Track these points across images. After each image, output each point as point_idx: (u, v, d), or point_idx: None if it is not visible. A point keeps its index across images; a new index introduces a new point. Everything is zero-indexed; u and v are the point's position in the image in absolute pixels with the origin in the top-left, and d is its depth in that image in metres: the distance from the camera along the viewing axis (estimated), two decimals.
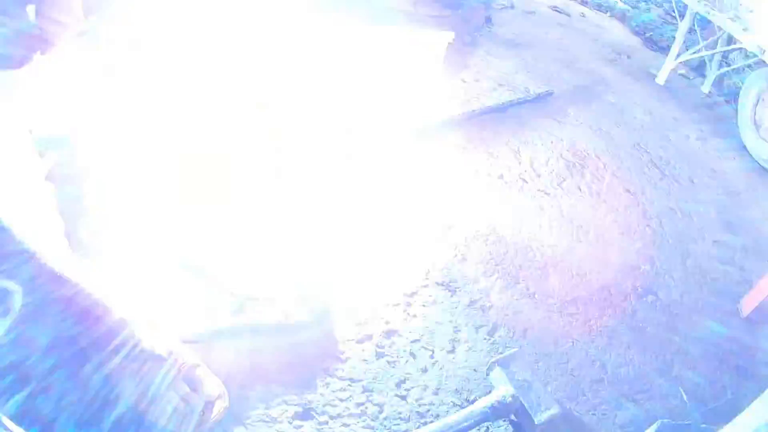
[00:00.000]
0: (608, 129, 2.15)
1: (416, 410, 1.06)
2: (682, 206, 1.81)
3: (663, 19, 4.57)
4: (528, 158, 1.80)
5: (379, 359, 1.12)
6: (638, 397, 1.14)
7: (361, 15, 2.30)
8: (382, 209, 1.42)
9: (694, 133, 2.42)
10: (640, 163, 1.98)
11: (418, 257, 1.33)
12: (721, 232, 1.74)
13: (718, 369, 1.27)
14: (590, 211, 1.63)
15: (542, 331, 1.23)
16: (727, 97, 3.21)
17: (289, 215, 1.35)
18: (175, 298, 1.10)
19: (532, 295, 1.31)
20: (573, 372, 1.17)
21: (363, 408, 1.04)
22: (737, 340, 1.37)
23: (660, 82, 2.91)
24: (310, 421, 1.00)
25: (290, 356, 1.08)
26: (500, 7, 3.50)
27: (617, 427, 1.07)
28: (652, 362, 1.23)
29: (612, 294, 1.37)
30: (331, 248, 1.30)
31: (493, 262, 1.37)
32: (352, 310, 1.19)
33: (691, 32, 3.18)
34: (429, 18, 2.68)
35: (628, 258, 1.50)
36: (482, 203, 1.55)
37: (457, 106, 2.02)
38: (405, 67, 2.14)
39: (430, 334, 1.19)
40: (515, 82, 2.35)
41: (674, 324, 1.34)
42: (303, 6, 2.18)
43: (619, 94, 2.54)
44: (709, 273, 1.55)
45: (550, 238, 1.49)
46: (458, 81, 2.21)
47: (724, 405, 1.19)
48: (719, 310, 1.44)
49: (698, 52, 3.17)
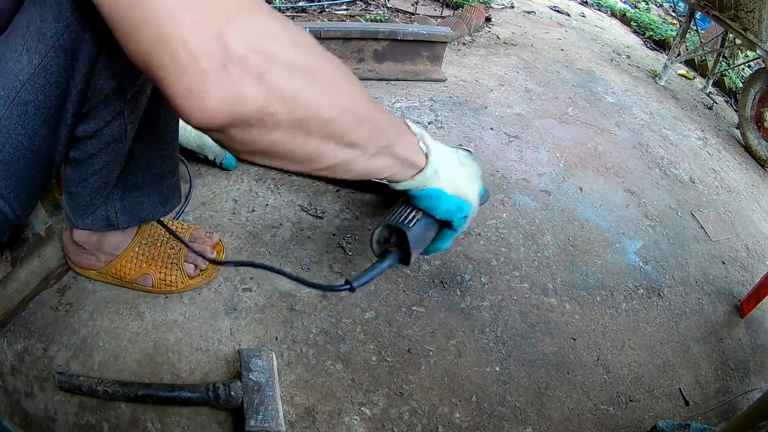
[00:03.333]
0: (608, 129, 2.15)
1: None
2: (683, 206, 1.81)
3: (663, 19, 4.57)
4: (528, 158, 1.80)
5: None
6: (638, 396, 1.14)
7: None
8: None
9: (694, 132, 2.42)
10: (641, 162, 1.98)
11: None
12: (721, 231, 1.74)
13: (719, 369, 1.27)
14: (591, 211, 1.63)
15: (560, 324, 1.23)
16: (727, 97, 3.21)
17: None
18: None
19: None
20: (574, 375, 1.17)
21: None
22: (737, 340, 1.37)
23: (660, 82, 2.92)
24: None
25: None
26: (500, 7, 3.50)
27: (617, 426, 1.07)
28: (652, 362, 1.23)
29: (613, 294, 1.37)
30: None
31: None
32: None
33: (691, 32, 3.18)
34: (429, 18, 2.68)
35: (629, 258, 1.50)
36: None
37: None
38: (405, 66, 2.14)
39: None
40: (515, 82, 2.35)
41: (674, 324, 1.35)
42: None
43: (619, 94, 2.54)
44: (710, 273, 1.55)
45: (548, 237, 1.49)
46: (458, 81, 2.21)
47: (724, 405, 1.19)
48: (719, 310, 1.44)
49: (698, 52, 3.17)
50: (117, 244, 1.00)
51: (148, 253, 1.03)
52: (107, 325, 1.00)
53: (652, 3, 5.11)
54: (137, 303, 1.04)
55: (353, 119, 0.57)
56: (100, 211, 0.92)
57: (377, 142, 0.63)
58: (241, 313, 1.07)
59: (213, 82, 0.43)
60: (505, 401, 1.05)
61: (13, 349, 0.93)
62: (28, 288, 0.98)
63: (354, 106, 0.57)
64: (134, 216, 0.96)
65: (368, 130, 0.61)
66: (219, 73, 0.43)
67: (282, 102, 0.48)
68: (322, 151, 0.57)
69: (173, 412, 0.90)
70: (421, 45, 2.10)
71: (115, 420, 0.88)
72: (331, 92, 0.54)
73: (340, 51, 2.01)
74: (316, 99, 0.51)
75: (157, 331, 1.01)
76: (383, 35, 2.03)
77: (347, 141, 0.58)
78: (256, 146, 0.52)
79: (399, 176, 0.72)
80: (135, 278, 1.02)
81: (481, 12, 3.00)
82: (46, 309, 1.00)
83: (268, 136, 0.50)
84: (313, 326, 1.08)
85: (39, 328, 0.97)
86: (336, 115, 0.55)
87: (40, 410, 0.87)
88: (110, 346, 0.97)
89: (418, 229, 0.83)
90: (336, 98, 0.54)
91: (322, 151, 0.57)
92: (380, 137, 0.64)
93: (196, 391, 0.89)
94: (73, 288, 1.04)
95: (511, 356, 1.14)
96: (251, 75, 0.45)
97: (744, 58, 3.30)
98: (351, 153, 0.60)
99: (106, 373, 0.93)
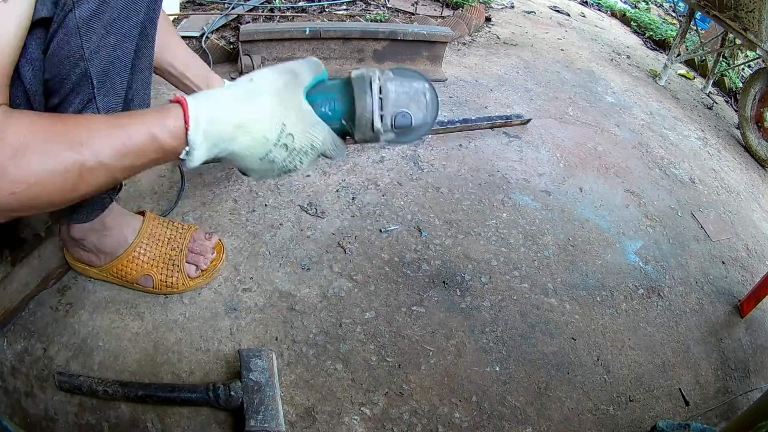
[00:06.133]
0: (608, 129, 2.15)
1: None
2: (683, 206, 1.81)
3: (663, 19, 4.57)
4: (528, 158, 1.80)
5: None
6: (638, 396, 1.14)
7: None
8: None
9: (694, 132, 2.42)
10: (641, 162, 1.98)
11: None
12: (721, 231, 1.74)
13: (719, 369, 1.27)
14: (591, 211, 1.63)
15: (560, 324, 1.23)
16: (727, 97, 3.21)
17: None
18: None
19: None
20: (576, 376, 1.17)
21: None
22: (737, 340, 1.37)
23: (660, 82, 2.92)
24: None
25: None
26: (500, 7, 3.50)
27: (617, 426, 1.07)
28: (652, 362, 1.23)
29: (613, 294, 1.37)
30: None
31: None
32: None
33: (691, 32, 3.18)
34: (429, 18, 2.68)
35: (629, 258, 1.50)
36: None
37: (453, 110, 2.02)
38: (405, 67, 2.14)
39: None
40: (515, 82, 2.35)
41: (674, 324, 1.35)
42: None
43: (619, 94, 2.54)
44: (710, 273, 1.55)
45: (548, 237, 1.49)
46: (458, 81, 2.21)
47: (724, 405, 1.19)
48: (719, 310, 1.44)
49: (698, 52, 3.17)
50: (117, 244, 1.00)
51: (150, 254, 1.03)
52: (107, 325, 0.99)
53: (652, 3, 5.11)
54: (137, 303, 1.04)
55: (66, 185, 0.58)
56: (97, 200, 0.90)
57: (105, 172, 0.60)
58: (241, 313, 1.07)
59: None
60: (505, 401, 1.05)
61: (13, 349, 0.93)
62: (28, 288, 0.98)
63: (66, 176, 0.58)
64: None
65: (91, 177, 0.60)
66: None
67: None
68: (52, 204, 0.60)
69: (173, 412, 0.90)
70: (421, 45, 2.10)
71: (115, 420, 0.88)
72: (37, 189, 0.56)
73: (340, 51, 2.01)
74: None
75: (157, 331, 1.01)
76: (383, 35, 2.03)
77: (76, 192, 0.60)
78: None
79: (169, 161, 0.73)
80: (136, 279, 1.02)
81: (481, 12, 3.00)
82: (46, 309, 1.00)
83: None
84: (313, 326, 1.08)
85: (39, 328, 0.97)
86: (45, 197, 0.58)
87: (40, 410, 0.87)
88: (110, 346, 0.97)
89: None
90: (44, 188, 0.57)
91: (54, 203, 0.60)
92: (107, 172, 0.61)
93: (196, 391, 0.89)
94: (73, 288, 1.04)
95: (511, 356, 1.14)
96: None
97: (744, 58, 3.30)
98: (84, 189, 0.60)
99: (106, 373, 0.93)
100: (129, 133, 0.60)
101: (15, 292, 0.96)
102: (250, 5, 2.36)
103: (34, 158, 0.55)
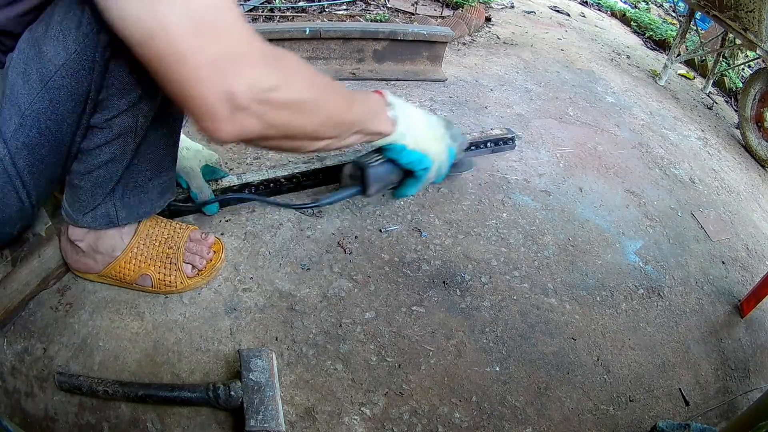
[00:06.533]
0: (608, 129, 2.15)
1: None
2: (683, 206, 1.81)
3: (663, 19, 4.57)
4: (528, 158, 1.80)
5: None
6: (638, 396, 1.14)
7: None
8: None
9: (694, 132, 2.42)
10: (641, 162, 1.98)
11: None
12: (721, 231, 1.74)
13: (719, 369, 1.27)
14: (591, 211, 1.63)
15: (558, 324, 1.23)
16: (727, 97, 3.21)
17: None
18: None
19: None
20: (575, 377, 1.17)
21: None
22: (737, 340, 1.37)
23: (660, 82, 2.92)
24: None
25: None
26: (500, 7, 3.50)
27: (617, 426, 1.07)
28: (652, 362, 1.23)
29: (613, 294, 1.37)
30: None
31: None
32: None
33: (691, 32, 3.18)
34: (429, 18, 2.68)
35: (629, 258, 1.50)
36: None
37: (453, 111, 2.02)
38: (405, 67, 2.14)
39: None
40: (515, 82, 2.35)
41: (674, 324, 1.35)
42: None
43: (619, 94, 2.54)
44: (710, 273, 1.55)
45: (548, 237, 1.49)
46: (458, 81, 2.21)
47: (724, 405, 1.19)
48: (719, 310, 1.44)
49: (698, 52, 3.17)
50: (114, 245, 1.00)
51: (147, 254, 1.03)
52: (107, 325, 1.00)
53: (652, 3, 5.10)
54: (137, 303, 1.04)
55: (332, 126, 0.83)
56: (101, 209, 0.92)
57: (351, 130, 0.89)
58: (241, 313, 1.07)
59: (225, 123, 0.63)
60: (505, 401, 1.05)
61: (13, 349, 0.93)
62: (28, 288, 0.98)
63: (335, 117, 0.82)
64: (134, 212, 0.96)
65: (344, 128, 0.87)
66: (229, 118, 0.62)
67: (276, 129, 0.70)
68: (307, 146, 0.82)
69: (173, 412, 0.90)
70: (421, 45, 2.10)
71: (115, 420, 0.88)
72: (315, 115, 0.76)
73: (340, 51, 2.01)
74: (302, 123, 0.75)
75: (157, 331, 1.01)
76: (383, 35, 2.03)
77: (327, 137, 0.84)
78: (257, 145, 0.78)
79: (370, 141, 1.01)
80: (134, 279, 1.02)
81: (481, 12, 3.00)
82: (46, 309, 1.00)
83: (266, 142, 0.75)
84: (313, 326, 1.08)
85: (39, 328, 0.97)
86: (317, 127, 0.79)
87: (40, 410, 0.87)
88: (110, 346, 0.97)
89: (380, 169, 1.11)
90: (319, 118, 0.78)
91: (307, 146, 0.82)
92: (354, 126, 0.89)
93: (196, 391, 0.89)
94: (73, 288, 1.04)
95: (511, 356, 1.14)
96: (253, 117, 0.64)
97: (744, 58, 3.30)
98: (329, 142, 0.86)
99: (106, 373, 0.93)
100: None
101: (15, 292, 0.96)
102: (250, 5, 2.36)
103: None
